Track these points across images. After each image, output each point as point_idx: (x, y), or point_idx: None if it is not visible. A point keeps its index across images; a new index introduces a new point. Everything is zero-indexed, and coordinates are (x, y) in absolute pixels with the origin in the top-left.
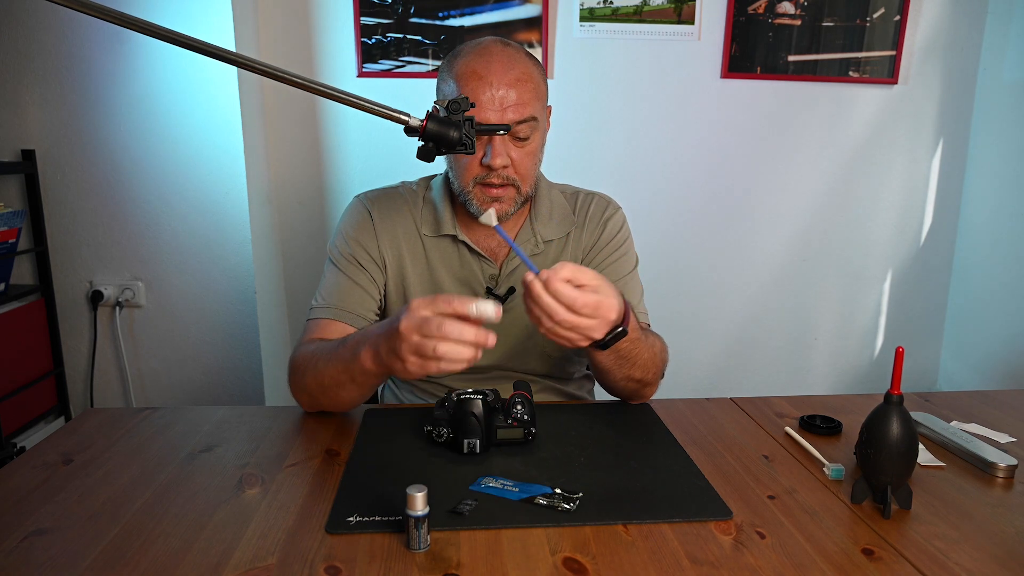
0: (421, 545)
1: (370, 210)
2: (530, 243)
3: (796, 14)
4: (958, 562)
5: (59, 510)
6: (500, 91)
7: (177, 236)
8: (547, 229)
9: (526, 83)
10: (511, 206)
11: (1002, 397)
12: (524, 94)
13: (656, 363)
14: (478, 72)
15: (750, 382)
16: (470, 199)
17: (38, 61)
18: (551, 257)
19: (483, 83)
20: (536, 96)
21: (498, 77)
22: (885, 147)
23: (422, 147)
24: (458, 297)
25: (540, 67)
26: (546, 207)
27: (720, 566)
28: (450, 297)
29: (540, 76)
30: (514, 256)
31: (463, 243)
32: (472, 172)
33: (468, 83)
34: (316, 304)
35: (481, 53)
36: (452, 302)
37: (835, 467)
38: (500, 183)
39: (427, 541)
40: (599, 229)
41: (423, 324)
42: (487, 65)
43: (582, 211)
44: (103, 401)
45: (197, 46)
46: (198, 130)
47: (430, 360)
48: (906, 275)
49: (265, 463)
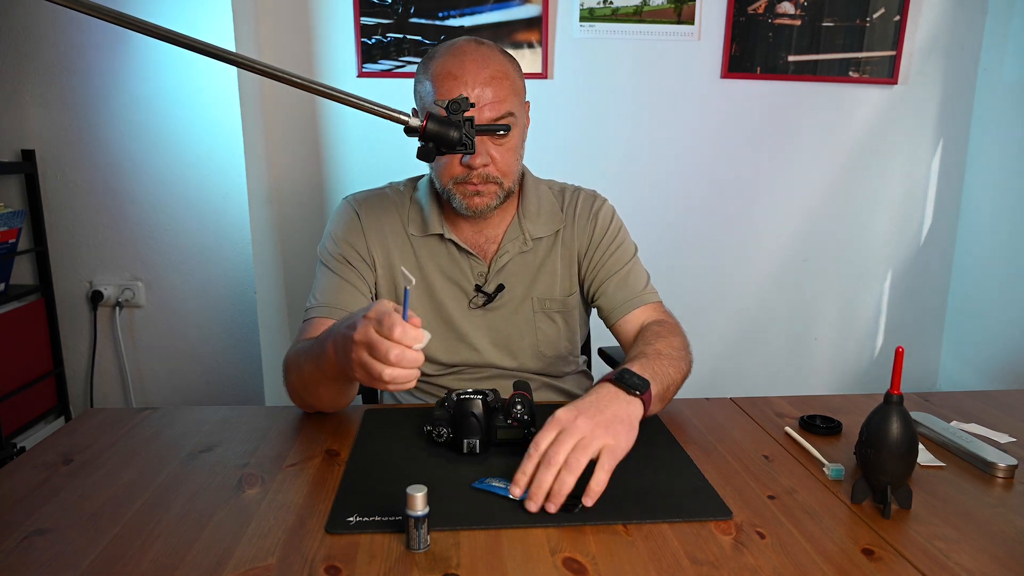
0: (421, 545)
1: (358, 211)
2: (518, 240)
3: (796, 14)
4: (958, 562)
5: (59, 510)
6: (475, 90)
7: (177, 236)
8: (536, 227)
9: (501, 80)
10: (493, 199)
11: (1002, 397)
12: (500, 91)
13: (684, 370)
14: (452, 72)
15: (750, 382)
16: (453, 195)
17: (38, 61)
18: (540, 255)
19: (457, 83)
20: (512, 92)
21: (472, 76)
22: (885, 147)
23: (422, 147)
24: (410, 327)
25: (515, 64)
26: (534, 204)
27: (720, 566)
28: (402, 326)
29: (516, 72)
30: (503, 253)
31: (451, 241)
32: (453, 172)
33: (443, 84)
34: (311, 305)
35: (455, 53)
36: (399, 334)
37: (835, 467)
38: (481, 181)
39: (427, 541)
40: (590, 225)
41: (373, 346)
42: (461, 65)
43: (570, 208)
44: (103, 401)
45: (197, 46)
46: (198, 130)
47: (375, 380)
48: (906, 275)
49: (265, 463)
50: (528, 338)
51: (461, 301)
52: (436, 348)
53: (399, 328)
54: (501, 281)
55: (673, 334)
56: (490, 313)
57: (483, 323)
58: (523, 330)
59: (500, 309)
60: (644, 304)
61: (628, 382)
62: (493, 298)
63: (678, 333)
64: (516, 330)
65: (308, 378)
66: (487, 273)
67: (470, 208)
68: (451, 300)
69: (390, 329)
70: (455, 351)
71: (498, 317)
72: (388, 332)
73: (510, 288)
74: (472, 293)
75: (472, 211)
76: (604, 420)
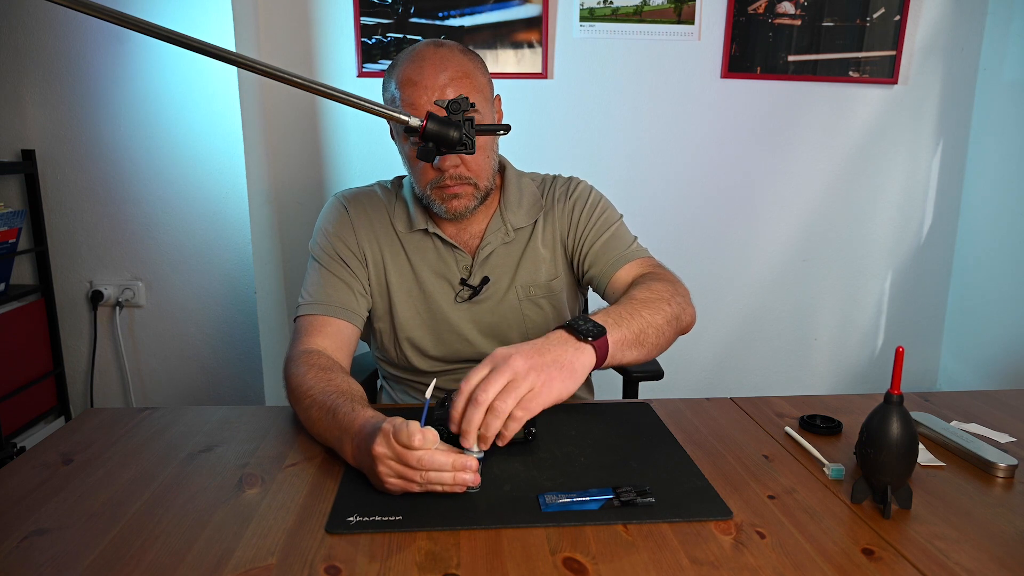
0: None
1: (348, 208)
2: (501, 232)
3: (796, 14)
4: (958, 562)
5: (59, 510)
6: (436, 94)
7: (177, 236)
8: (517, 217)
9: (461, 80)
10: (471, 201)
11: (1002, 397)
12: (461, 91)
13: (669, 312)
14: (412, 79)
15: (750, 382)
16: (431, 201)
17: (38, 61)
18: (522, 244)
19: (418, 88)
20: (474, 90)
21: (431, 80)
22: (885, 147)
23: (422, 147)
24: (429, 431)
25: (477, 61)
26: (515, 196)
27: (720, 566)
28: (421, 433)
29: (478, 70)
30: (485, 245)
31: (436, 236)
32: (427, 177)
33: (406, 90)
34: (303, 301)
35: (414, 59)
36: (419, 440)
37: (835, 467)
38: (455, 183)
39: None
40: (568, 206)
41: (401, 457)
42: (420, 71)
43: (549, 194)
44: (103, 401)
45: (197, 46)
46: (198, 130)
47: (412, 484)
48: (906, 275)
49: (265, 463)
50: (517, 327)
51: (449, 294)
52: (428, 342)
53: (418, 436)
54: (486, 273)
55: (657, 280)
56: (477, 305)
57: (472, 315)
58: (511, 319)
59: (487, 301)
60: (630, 261)
61: (578, 328)
62: (479, 291)
63: (664, 279)
64: (504, 320)
65: (317, 436)
66: (471, 266)
67: (450, 212)
68: (439, 293)
69: (409, 438)
70: (447, 344)
71: (485, 309)
72: (408, 442)
73: (495, 279)
74: (459, 287)
75: (452, 215)
76: (541, 362)
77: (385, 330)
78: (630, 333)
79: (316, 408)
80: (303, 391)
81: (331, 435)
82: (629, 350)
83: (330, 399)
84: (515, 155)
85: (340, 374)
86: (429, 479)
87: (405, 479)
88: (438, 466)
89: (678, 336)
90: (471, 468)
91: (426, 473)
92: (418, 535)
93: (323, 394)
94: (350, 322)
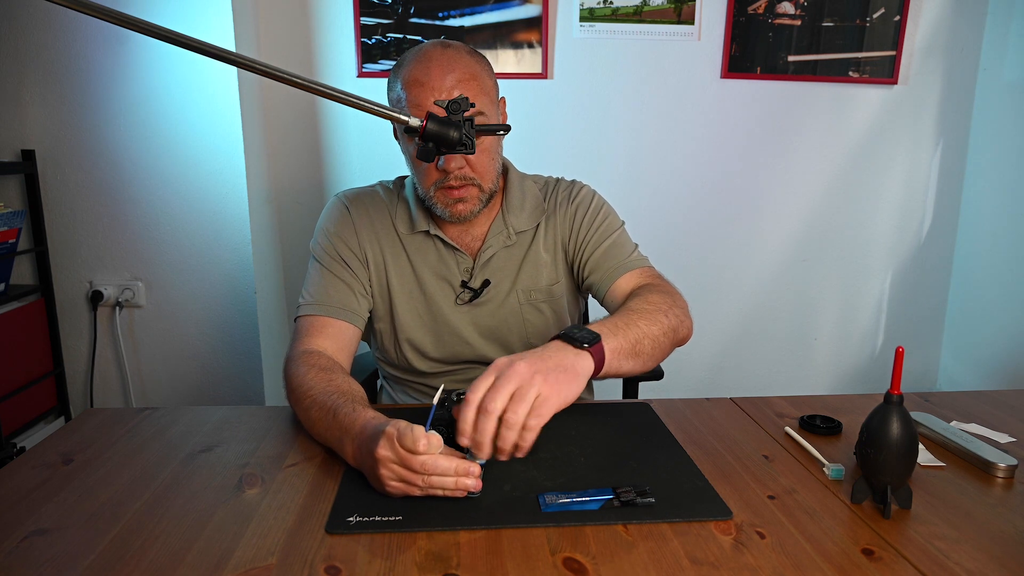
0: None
1: (349, 208)
2: (502, 235)
3: (796, 14)
4: (958, 562)
5: (59, 510)
6: (442, 95)
7: (177, 236)
8: (519, 220)
9: (468, 82)
10: (476, 204)
11: (1002, 397)
12: (467, 93)
13: (666, 323)
14: (419, 79)
15: (750, 382)
16: (434, 204)
17: (38, 61)
18: (523, 248)
19: (425, 89)
20: (481, 92)
21: (439, 81)
22: (885, 147)
23: (422, 147)
24: (434, 435)
25: (484, 63)
26: (518, 198)
27: (720, 566)
28: (426, 438)
29: (484, 72)
30: (487, 248)
31: (437, 238)
32: (431, 178)
33: (412, 91)
34: (303, 302)
35: (421, 59)
36: (419, 456)
37: (835, 467)
38: (459, 184)
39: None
40: (571, 211)
41: (405, 461)
42: (427, 71)
43: (552, 198)
44: (103, 401)
45: (197, 46)
46: (198, 130)
47: (414, 487)
48: (906, 275)
49: (265, 463)
50: (517, 330)
51: (450, 296)
52: (428, 343)
53: (423, 441)
54: (487, 276)
55: (655, 291)
56: (477, 308)
57: (472, 318)
58: (511, 323)
59: (487, 304)
60: (630, 270)
61: (574, 336)
62: (479, 294)
63: (663, 290)
64: (504, 323)
65: (317, 437)
66: (472, 268)
67: (453, 215)
68: (440, 295)
69: (414, 442)
70: (447, 345)
71: (486, 312)
72: (412, 446)
73: (496, 283)
74: (459, 289)
75: (455, 218)
76: (544, 367)
77: (385, 331)
78: (626, 343)
79: (316, 408)
80: (303, 391)
81: (331, 436)
82: (625, 360)
83: (331, 399)
84: (515, 155)
85: (340, 374)
86: (431, 483)
87: (407, 483)
88: (441, 471)
89: (675, 348)
90: (474, 474)
91: (428, 477)
92: (418, 535)
93: (324, 394)
94: (351, 323)
